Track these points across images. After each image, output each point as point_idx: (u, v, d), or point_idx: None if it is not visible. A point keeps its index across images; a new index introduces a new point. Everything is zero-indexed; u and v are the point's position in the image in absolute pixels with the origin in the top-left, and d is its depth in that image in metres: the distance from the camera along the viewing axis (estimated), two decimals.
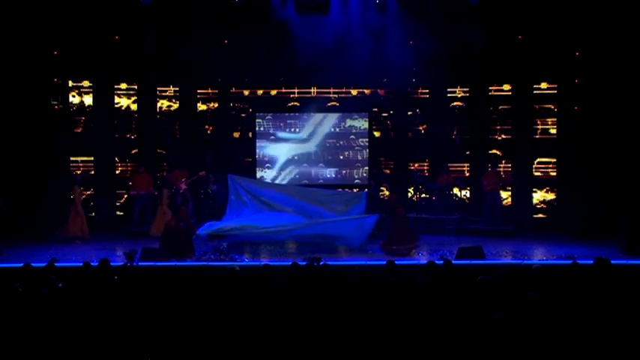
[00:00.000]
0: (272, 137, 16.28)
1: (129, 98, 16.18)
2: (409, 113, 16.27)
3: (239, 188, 13.69)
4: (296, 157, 16.29)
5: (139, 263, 10.11)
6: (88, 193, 15.88)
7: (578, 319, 5.17)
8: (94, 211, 15.66)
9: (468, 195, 15.93)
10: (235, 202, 13.60)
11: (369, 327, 4.86)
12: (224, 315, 5.60)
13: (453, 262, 9.49)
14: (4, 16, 13.97)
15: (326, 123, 16.22)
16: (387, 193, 14.84)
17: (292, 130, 16.27)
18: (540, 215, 15.82)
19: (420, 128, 16.31)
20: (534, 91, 15.75)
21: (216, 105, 16.39)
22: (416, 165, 16.30)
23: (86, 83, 15.92)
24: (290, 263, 9.16)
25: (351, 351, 4.72)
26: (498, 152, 15.93)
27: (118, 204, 16.04)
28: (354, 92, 16.30)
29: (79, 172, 15.40)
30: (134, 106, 16.14)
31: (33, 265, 8.66)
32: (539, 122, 15.84)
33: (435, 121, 16.02)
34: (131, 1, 13.97)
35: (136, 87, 16.09)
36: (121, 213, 15.90)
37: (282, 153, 16.29)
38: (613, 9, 13.97)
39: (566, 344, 4.79)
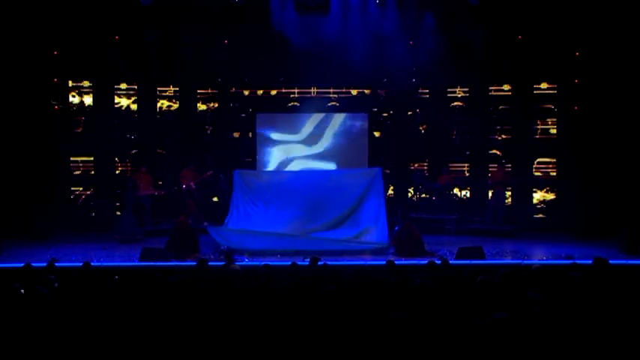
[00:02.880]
0: (272, 137, 16.27)
1: (129, 98, 16.16)
2: (409, 113, 16.27)
3: (244, 187, 13.41)
4: (296, 157, 16.26)
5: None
6: (88, 192, 15.89)
7: (579, 319, 5.17)
8: (94, 211, 15.66)
9: (468, 195, 15.92)
10: (240, 202, 13.41)
11: (368, 327, 4.86)
12: (224, 315, 5.60)
13: (454, 262, 9.51)
14: (4, 15, 13.96)
15: (326, 123, 16.21)
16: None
17: (292, 130, 16.25)
18: (540, 215, 15.80)
19: (420, 128, 16.30)
20: (534, 91, 15.73)
21: (216, 105, 16.39)
22: (416, 165, 16.29)
23: (86, 83, 15.90)
24: (290, 263, 9.17)
25: (351, 351, 4.72)
26: (498, 152, 15.93)
27: (118, 204, 16.03)
28: (354, 92, 16.28)
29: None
30: (134, 106, 16.13)
31: (33, 265, 8.67)
32: (539, 122, 15.84)
33: (435, 121, 16.03)
34: (131, 1, 13.97)
35: (136, 87, 16.08)
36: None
37: (282, 153, 16.26)
38: (613, 9, 13.97)
39: (566, 344, 4.79)
